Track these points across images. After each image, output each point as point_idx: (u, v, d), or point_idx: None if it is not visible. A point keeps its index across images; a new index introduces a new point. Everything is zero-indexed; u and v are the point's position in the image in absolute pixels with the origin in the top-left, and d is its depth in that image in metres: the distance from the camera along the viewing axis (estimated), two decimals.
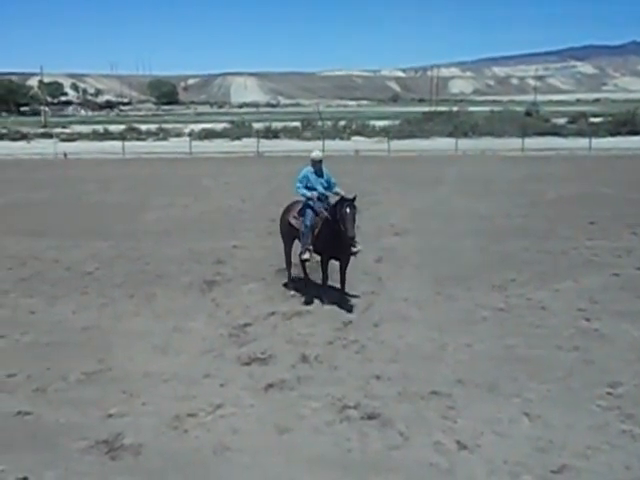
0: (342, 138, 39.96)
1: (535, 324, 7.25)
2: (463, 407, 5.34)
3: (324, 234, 7.94)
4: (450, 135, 35.98)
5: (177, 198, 16.93)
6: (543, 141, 33.62)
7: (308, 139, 38.75)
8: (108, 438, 4.91)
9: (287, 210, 8.80)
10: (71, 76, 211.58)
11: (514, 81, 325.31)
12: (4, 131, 45.42)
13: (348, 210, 7.52)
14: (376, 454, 4.70)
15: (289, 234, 8.67)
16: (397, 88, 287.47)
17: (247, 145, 34.16)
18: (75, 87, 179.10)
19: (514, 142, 32.05)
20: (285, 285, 8.84)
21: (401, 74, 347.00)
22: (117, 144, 34.15)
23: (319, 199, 8.16)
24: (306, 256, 8.25)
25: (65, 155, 30.53)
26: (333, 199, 8.13)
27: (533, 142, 32.19)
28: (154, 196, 17.37)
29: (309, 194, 8.18)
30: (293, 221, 8.49)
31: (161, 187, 19.45)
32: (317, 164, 8.34)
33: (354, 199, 7.65)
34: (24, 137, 43.35)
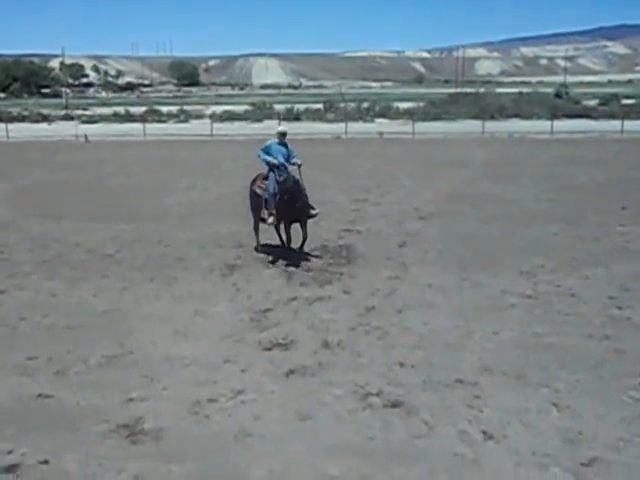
0: (365, 120, 39.66)
1: (564, 312, 7.04)
2: (489, 396, 5.20)
3: (282, 200, 8.76)
4: (476, 117, 35.59)
5: (198, 181, 16.94)
6: (573, 123, 33.01)
7: (331, 121, 38.55)
8: (129, 422, 4.87)
9: (253, 182, 9.53)
10: (92, 58, 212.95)
11: (543, 62, 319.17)
12: (25, 113, 45.76)
13: (286, 180, 8.64)
14: (400, 443, 4.60)
15: (257, 203, 9.34)
16: (422, 69, 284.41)
17: (269, 127, 33.94)
18: (96, 69, 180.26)
19: (543, 124, 31.55)
20: (255, 249, 9.62)
21: (426, 55, 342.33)
22: (138, 126, 34.20)
23: (278, 167, 8.90)
24: (270, 220, 9.07)
25: (86, 137, 30.69)
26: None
27: (563, 124, 31.64)
28: (175, 179, 17.39)
29: (270, 159, 9.02)
30: (259, 190, 9.24)
31: (182, 169, 19.46)
32: (282, 137, 9.19)
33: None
34: (45, 119, 43.71)
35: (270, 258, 9.19)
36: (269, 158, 9.04)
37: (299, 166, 9.15)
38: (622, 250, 9.53)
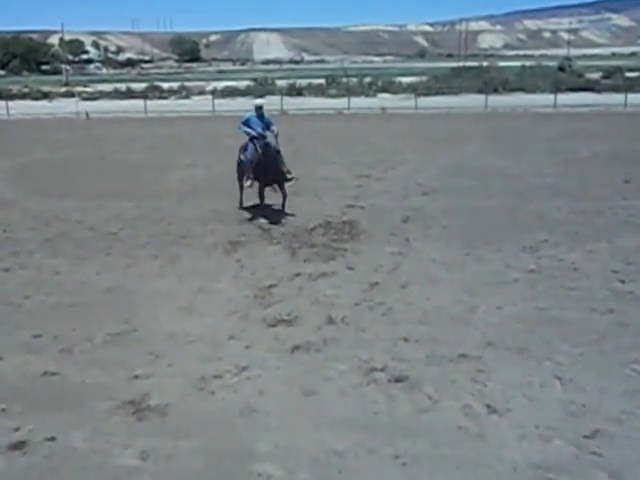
0: (368, 95, 39.29)
1: (568, 286, 7.03)
2: (493, 370, 5.21)
3: (261, 166, 9.76)
4: (479, 91, 35.15)
5: (200, 157, 16.84)
6: (577, 97, 32.67)
7: (333, 96, 38.22)
8: (134, 399, 4.89)
9: (239, 150, 10.49)
10: (92, 34, 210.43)
11: (546, 35, 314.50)
12: (26, 90, 45.33)
13: (265, 148, 9.70)
14: (404, 417, 4.62)
15: (241, 169, 10.44)
16: (424, 43, 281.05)
17: (271, 102, 33.48)
18: (96, 45, 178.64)
19: (546, 98, 31.28)
20: (238, 208, 10.70)
21: (428, 28, 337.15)
22: (139, 103, 33.87)
23: (256, 137, 9.87)
24: (247, 183, 10.10)
25: (87, 114, 30.46)
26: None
27: (566, 98, 31.30)
28: (177, 155, 17.31)
29: (249, 130, 10.03)
30: (242, 157, 10.20)
31: (184, 146, 19.35)
32: (259, 110, 10.11)
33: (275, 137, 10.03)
34: (45, 96, 43.28)
35: (272, 232, 9.25)
36: (248, 130, 10.04)
37: (276, 135, 10.07)
38: (625, 224, 9.49)
